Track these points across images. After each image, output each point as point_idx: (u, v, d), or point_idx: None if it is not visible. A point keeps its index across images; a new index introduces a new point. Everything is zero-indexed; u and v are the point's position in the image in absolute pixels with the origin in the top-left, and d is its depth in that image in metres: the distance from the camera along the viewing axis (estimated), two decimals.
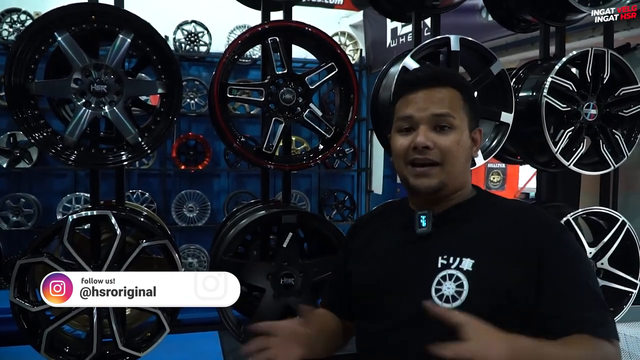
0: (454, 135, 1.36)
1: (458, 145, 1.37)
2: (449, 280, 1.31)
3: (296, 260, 2.27)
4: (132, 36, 2.05)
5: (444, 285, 1.32)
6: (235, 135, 2.27)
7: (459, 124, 1.37)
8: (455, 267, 1.32)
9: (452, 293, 1.30)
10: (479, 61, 2.43)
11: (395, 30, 6.86)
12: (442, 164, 1.36)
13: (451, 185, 1.40)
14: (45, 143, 2.06)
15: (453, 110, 1.37)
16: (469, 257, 1.32)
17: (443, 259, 1.34)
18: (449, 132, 1.36)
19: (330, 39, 2.34)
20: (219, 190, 7.51)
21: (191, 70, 7.29)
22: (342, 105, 2.41)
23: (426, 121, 1.37)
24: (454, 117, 1.37)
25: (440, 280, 1.32)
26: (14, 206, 6.39)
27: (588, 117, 2.53)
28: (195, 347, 3.81)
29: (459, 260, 1.32)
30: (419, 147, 1.35)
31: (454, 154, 1.37)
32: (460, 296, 1.29)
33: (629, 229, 2.63)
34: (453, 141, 1.36)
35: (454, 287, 1.30)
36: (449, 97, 1.38)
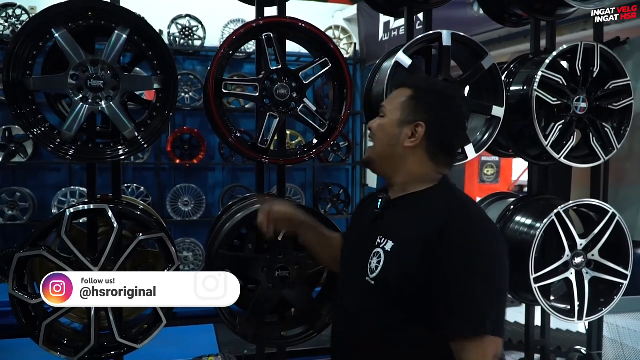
0: (380, 120, 1.64)
1: (378, 128, 1.63)
2: (375, 256, 1.56)
3: (291, 253, 2.30)
4: (128, 32, 2.07)
5: (373, 260, 1.57)
6: (231, 130, 2.30)
7: (388, 113, 1.62)
8: (381, 247, 1.56)
9: (374, 267, 1.55)
10: (471, 56, 2.46)
11: (387, 24, 6.88)
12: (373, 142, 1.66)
13: (378, 163, 1.66)
14: (44, 138, 2.08)
15: (389, 102, 1.65)
16: (391, 240, 1.54)
17: (379, 239, 1.58)
18: (378, 119, 1.65)
19: (324, 34, 2.36)
20: (214, 184, 7.53)
21: (186, 64, 7.29)
22: (336, 100, 2.43)
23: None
24: (385, 107, 1.64)
25: (372, 256, 1.57)
26: (10, 200, 6.40)
27: (578, 111, 2.56)
28: (192, 339, 3.86)
29: (385, 241, 1.56)
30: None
31: (376, 135, 1.65)
32: (376, 270, 1.54)
33: (619, 221, 2.67)
34: (377, 123, 1.64)
35: (375, 262, 1.55)
36: (395, 94, 1.66)
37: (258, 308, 2.29)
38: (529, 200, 2.85)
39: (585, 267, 2.66)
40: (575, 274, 2.63)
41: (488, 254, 1.46)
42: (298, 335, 2.40)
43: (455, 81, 2.39)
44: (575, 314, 2.65)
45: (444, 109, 1.61)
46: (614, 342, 3.58)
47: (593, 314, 2.70)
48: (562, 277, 2.62)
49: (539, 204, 2.78)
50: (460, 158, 2.44)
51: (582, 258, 2.62)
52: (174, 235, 6.83)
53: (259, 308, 2.30)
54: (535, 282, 2.55)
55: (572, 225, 2.60)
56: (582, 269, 2.65)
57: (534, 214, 2.69)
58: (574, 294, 2.64)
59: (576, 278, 2.64)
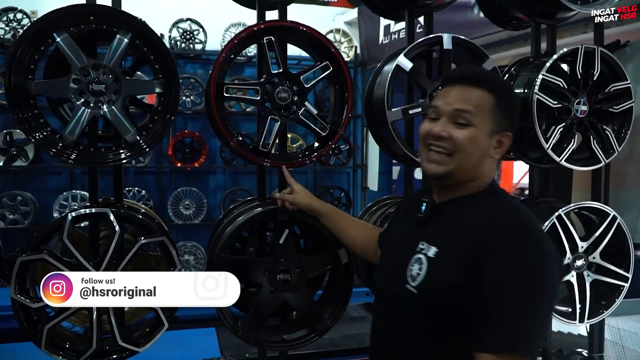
0: (469, 132, 1.47)
1: (470, 141, 1.47)
2: (416, 263, 1.51)
3: (292, 256, 2.31)
4: (129, 36, 2.07)
5: (414, 266, 1.51)
6: (232, 134, 2.30)
7: (477, 122, 1.47)
8: (423, 253, 1.50)
9: (414, 274, 1.50)
10: (471, 59, 2.46)
11: (388, 27, 6.89)
12: (453, 155, 1.49)
13: (458, 177, 1.52)
14: (46, 142, 2.08)
15: (475, 109, 1.47)
16: (435, 246, 1.48)
17: (422, 244, 1.52)
18: (465, 128, 1.47)
19: (325, 38, 2.37)
20: (215, 188, 7.54)
21: (187, 68, 7.31)
22: (337, 104, 2.44)
23: (447, 114, 1.50)
24: (474, 115, 1.47)
25: (413, 262, 1.52)
26: (11, 204, 6.42)
27: (579, 114, 2.56)
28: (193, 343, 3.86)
29: (427, 247, 1.50)
30: (435, 135, 1.51)
31: (465, 148, 1.48)
32: (418, 277, 1.49)
33: (620, 223, 2.67)
34: (466, 136, 1.47)
35: (416, 269, 1.50)
36: (477, 97, 1.48)
37: (260, 311, 2.29)
38: (530, 203, 2.84)
39: (587, 270, 2.66)
40: (576, 277, 2.63)
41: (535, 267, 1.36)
42: (300, 338, 2.39)
43: None
44: (577, 316, 2.65)
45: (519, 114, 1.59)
46: (615, 344, 3.58)
47: (594, 316, 2.70)
48: (563, 279, 2.62)
49: (540, 206, 2.78)
50: None
51: (583, 261, 2.62)
52: (176, 238, 6.83)
53: (261, 311, 2.30)
54: None
55: (573, 228, 2.60)
56: (583, 271, 2.65)
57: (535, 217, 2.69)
58: (575, 296, 2.63)
59: (577, 281, 2.64)
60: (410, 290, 1.50)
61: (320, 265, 2.36)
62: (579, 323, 2.68)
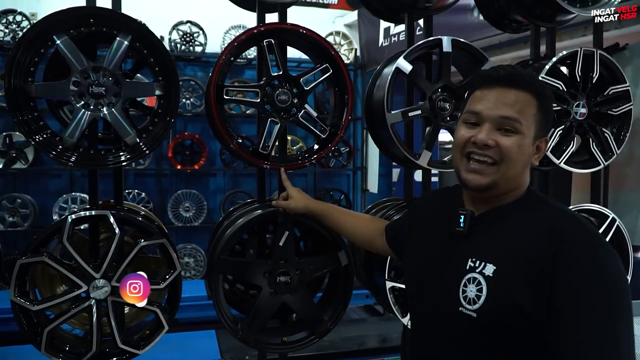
0: (517, 139, 1.36)
1: (519, 149, 1.37)
2: (472, 283, 1.36)
3: (292, 259, 2.31)
4: (129, 39, 2.08)
5: (469, 287, 1.36)
6: (232, 136, 2.30)
7: (524, 129, 1.37)
8: (479, 272, 1.36)
9: (473, 296, 1.35)
10: (471, 61, 2.47)
11: (387, 30, 6.90)
12: (499, 164, 1.37)
13: (502, 187, 1.41)
14: (46, 145, 2.08)
15: (521, 115, 1.36)
16: (492, 263, 1.34)
17: (472, 261, 1.38)
18: (512, 135, 1.36)
19: (325, 40, 2.38)
20: (215, 190, 7.55)
21: (187, 70, 7.32)
22: (337, 106, 2.44)
23: (492, 120, 1.38)
24: (521, 122, 1.36)
25: (466, 282, 1.37)
26: (10, 207, 6.42)
27: (578, 116, 2.57)
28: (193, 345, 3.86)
29: (483, 264, 1.35)
30: (479, 144, 1.38)
31: (513, 157, 1.37)
32: (479, 300, 1.33)
33: (619, 225, 2.67)
34: (514, 144, 1.36)
35: (475, 291, 1.35)
36: (521, 101, 1.37)
37: (259, 313, 2.29)
38: None
39: None
40: None
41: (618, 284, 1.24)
42: (299, 340, 2.40)
43: (456, 87, 2.40)
44: None
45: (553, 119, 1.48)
46: None
47: None
48: None
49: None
50: None
51: None
52: (175, 241, 6.84)
53: (261, 313, 2.30)
54: None
55: None
56: None
57: None
58: None
59: None
60: (467, 314, 1.35)
61: (320, 267, 2.36)
62: None
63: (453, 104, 2.40)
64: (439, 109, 2.38)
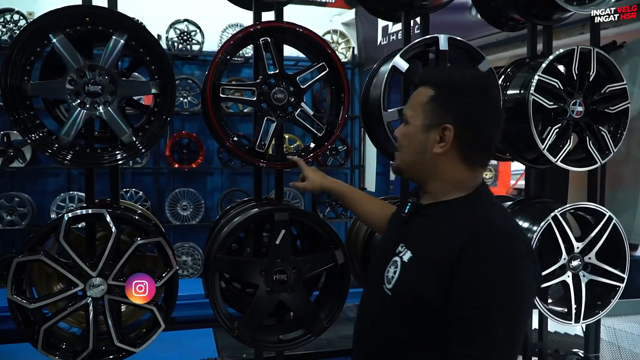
0: (404, 128, 1.54)
1: (403, 137, 1.53)
2: (393, 265, 1.51)
3: (289, 257, 2.31)
4: (125, 37, 2.07)
5: (390, 268, 1.52)
6: (228, 135, 2.30)
7: (411, 119, 1.51)
8: (400, 256, 1.50)
9: (390, 276, 1.50)
10: (468, 60, 2.47)
11: (386, 28, 6.90)
12: (399, 151, 1.57)
13: (406, 171, 1.58)
14: (42, 143, 2.08)
15: (410, 107, 1.52)
16: (411, 250, 1.48)
17: (400, 246, 1.52)
18: (404, 127, 1.54)
19: (321, 39, 2.38)
20: (212, 189, 7.54)
21: (184, 69, 7.30)
22: (334, 104, 2.44)
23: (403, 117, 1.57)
24: (408, 113, 1.52)
25: (391, 264, 1.52)
26: (8, 205, 6.41)
27: (575, 114, 2.57)
28: (190, 344, 3.86)
29: (405, 250, 1.49)
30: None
31: (401, 144, 1.55)
32: (392, 281, 1.49)
33: (615, 224, 2.68)
34: (400, 132, 1.55)
35: (392, 272, 1.50)
36: (417, 95, 1.52)
37: (256, 312, 2.30)
38: (526, 204, 2.86)
39: (582, 270, 2.66)
40: (572, 277, 2.64)
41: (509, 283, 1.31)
42: (296, 338, 2.40)
43: None
44: (573, 317, 2.65)
45: (474, 104, 1.44)
46: (611, 344, 3.58)
47: (590, 317, 2.71)
48: (559, 280, 2.62)
49: (536, 207, 2.79)
50: None
51: (579, 261, 2.63)
52: (173, 239, 6.84)
53: (257, 312, 2.30)
54: None
55: (569, 228, 2.60)
56: (579, 272, 2.65)
57: (531, 217, 2.70)
58: (571, 297, 2.64)
59: (573, 281, 2.64)
60: (386, 292, 1.50)
61: (316, 265, 2.36)
62: (575, 323, 2.69)
63: None
64: None
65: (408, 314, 1.42)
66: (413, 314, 1.40)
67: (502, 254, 1.34)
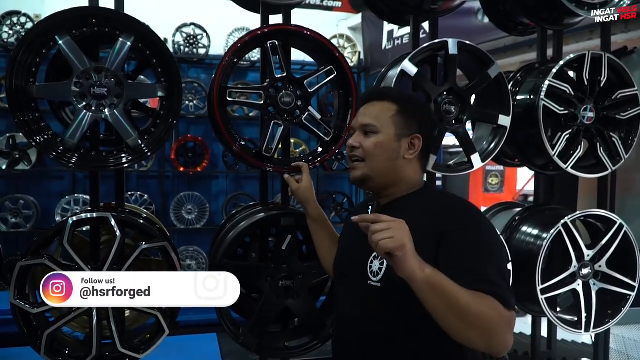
0: (375, 139, 1.66)
1: (376, 146, 1.66)
2: (376, 259, 1.61)
3: (295, 263, 2.28)
4: (132, 40, 2.06)
5: (374, 263, 1.61)
6: (235, 139, 2.28)
7: (381, 129, 1.66)
8: None
9: (377, 269, 1.60)
10: (477, 64, 2.44)
11: (391, 33, 6.89)
12: (365, 161, 1.67)
13: (376, 179, 1.68)
14: (46, 146, 2.07)
15: (377, 119, 1.67)
16: None
17: None
18: (372, 137, 1.67)
19: (329, 42, 2.36)
20: (217, 192, 7.52)
21: (190, 72, 7.31)
22: (341, 108, 2.42)
23: (358, 128, 1.71)
24: (376, 125, 1.66)
25: (372, 259, 1.62)
26: (13, 208, 6.41)
27: (585, 120, 2.54)
28: (194, 349, 3.83)
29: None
30: (349, 146, 1.71)
31: (372, 153, 1.66)
32: (381, 272, 1.59)
33: (626, 231, 2.64)
34: (372, 143, 1.66)
35: (378, 265, 1.60)
36: (379, 109, 1.69)
37: (261, 318, 2.27)
38: (536, 211, 2.83)
39: (593, 279, 2.63)
40: (582, 285, 2.60)
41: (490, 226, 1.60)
42: (302, 345, 2.37)
43: (461, 90, 2.37)
44: (583, 325, 2.62)
45: (428, 117, 1.78)
46: (620, 353, 3.55)
47: (600, 325, 2.67)
48: (569, 288, 2.59)
49: (545, 214, 2.76)
50: (466, 167, 2.43)
51: (589, 269, 2.59)
52: (177, 243, 6.82)
53: (263, 318, 2.27)
54: (541, 293, 2.52)
55: (579, 236, 2.57)
56: (590, 280, 2.62)
57: (540, 224, 2.67)
58: (581, 305, 2.60)
59: (583, 289, 2.61)
60: (373, 286, 1.60)
61: (322, 271, 2.33)
62: (585, 332, 2.65)
63: (459, 108, 2.38)
64: (444, 112, 2.35)
65: (402, 300, 1.50)
66: (408, 296, 1.42)
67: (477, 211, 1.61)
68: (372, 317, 1.62)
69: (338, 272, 1.86)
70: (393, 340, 1.57)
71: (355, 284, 1.67)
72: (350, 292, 1.73)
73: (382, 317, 1.59)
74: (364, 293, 1.62)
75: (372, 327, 1.62)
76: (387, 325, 1.58)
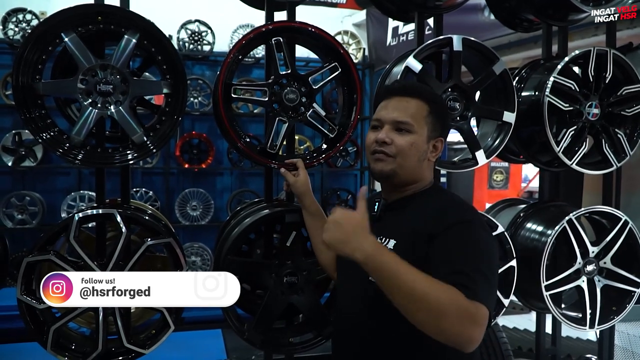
0: (410, 138, 1.64)
1: (412, 146, 1.64)
2: None
3: (299, 259, 2.29)
4: (137, 37, 2.06)
5: None
6: (240, 135, 2.29)
7: (416, 130, 1.64)
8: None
9: None
10: (482, 61, 2.44)
11: (395, 29, 6.87)
12: (395, 157, 1.64)
13: (402, 176, 1.67)
14: (53, 143, 2.08)
15: (413, 118, 1.64)
16: (393, 239, 1.61)
17: (379, 238, 1.60)
18: (406, 135, 1.64)
19: (334, 39, 2.35)
20: (222, 189, 7.53)
21: (195, 69, 7.31)
22: (346, 105, 2.42)
23: (389, 123, 1.65)
24: (413, 124, 1.63)
25: None
26: (19, 204, 6.43)
27: (590, 117, 2.54)
28: (199, 345, 3.85)
29: (387, 240, 1.62)
30: (379, 141, 1.65)
31: (406, 152, 1.64)
32: None
33: (631, 228, 2.64)
34: (407, 142, 1.64)
35: None
36: (413, 107, 1.65)
37: (266, 314, 2.28)
38: (540, 207, 2.82)
39: (597, 275, 2.63)
40: (587, 282, 2.60)
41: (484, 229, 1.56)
42: (306, 341, 2.38)
43: (466, 86, 2.37)
44: (587, 322, 2.62)
45: (449, 122, 1.79)
46: (625, 350, 3.55)
47: (605, 322, 2.67)
48: (573, 284, 2.59)
49: (550, 210, 2.75)
50: (471, 164, 2.43)
51: (594, 266, 2.59)
52: (182, 239, 6.83)
53: (267, 314, 2.28)
54: (546, 289, 2.52)
55: (584, 233, 2.57)
56: (594, 276, 2.62)
57: (545, 221, 2.66)
58: (586, 302, 2.60)
59: (588, 286, 2.61)
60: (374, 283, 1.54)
61: None
62: (590, 329, 2.65)
63: (463, 104, 2.38)
64: (449, 109, 2.35)
65: None
66: None
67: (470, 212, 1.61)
68: (372, 313, 1.62)
69: (339, 267, 1.86)
70: (393, 336, 1.57)
71: (355, 279, 1.66)
72: (350, 288, 1.73)
73: (382, 312, 1.57)
74: (364, 289, 1.62)
75: (372, 323, 1.62)
76: (387, 320, 1.56)
